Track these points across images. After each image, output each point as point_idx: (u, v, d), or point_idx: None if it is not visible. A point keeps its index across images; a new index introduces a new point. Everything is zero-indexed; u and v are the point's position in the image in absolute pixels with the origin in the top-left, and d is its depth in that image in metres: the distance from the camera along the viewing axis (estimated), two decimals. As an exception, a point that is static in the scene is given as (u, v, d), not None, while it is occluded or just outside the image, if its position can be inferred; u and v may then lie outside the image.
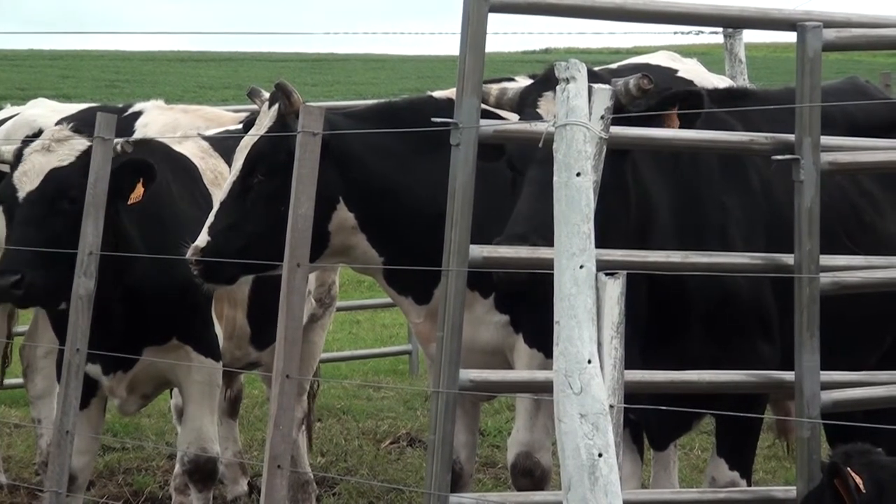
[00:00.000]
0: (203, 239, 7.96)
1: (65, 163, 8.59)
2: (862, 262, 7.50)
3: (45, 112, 10.51)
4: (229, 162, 8.41)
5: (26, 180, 8.64)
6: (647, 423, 7.86)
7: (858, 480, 5.96)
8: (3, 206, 8.93)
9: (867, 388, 7.49)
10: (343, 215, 8.09)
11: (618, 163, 7.43)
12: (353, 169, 8.04)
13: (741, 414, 7.39)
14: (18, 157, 8.81)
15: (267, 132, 8.12)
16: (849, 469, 6.02)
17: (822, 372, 7.00)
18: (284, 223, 7.42)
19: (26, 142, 8.99)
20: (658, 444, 8.17)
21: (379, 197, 8.12)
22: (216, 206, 8.15)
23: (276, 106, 8.11)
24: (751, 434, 7.84)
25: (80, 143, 8.62)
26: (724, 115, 7.85)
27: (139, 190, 8.51)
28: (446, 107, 7.10)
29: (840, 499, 6.00)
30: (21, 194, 8.63)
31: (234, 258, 7.92)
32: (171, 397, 10.29)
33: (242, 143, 8.22)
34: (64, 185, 8.43)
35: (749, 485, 7.84)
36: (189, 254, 7.95)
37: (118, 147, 8.47)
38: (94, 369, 8.66)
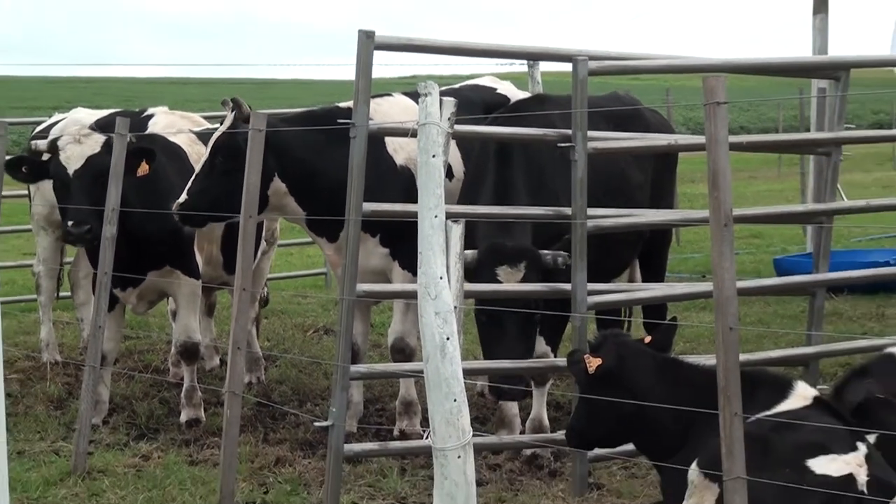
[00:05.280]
0: (183, 197, 7.96)
1: (96, 151, 8.41)
2: (613, 213, 7.53)
3: (86, 116, 10.35)
4: None
5: (72, 162, 8.45)
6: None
7: (595, 360, 5.97)
8: (54, 181, 8.66)
9: (614, 293, 7.58)
10: (277, 185, 7.99)
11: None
12: (285, 154, 7.94)
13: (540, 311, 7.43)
14: (54, 146, 8.59)
15: (225, 130, 8.09)
16: (585, 355, 5.99)
17: (588, 284, 7.06)
18: (234, 189, 7.36)
19: (55, 137, 8.82)
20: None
21: (302, 173, 8.03)
22: (192, 177, 8.10)
23: (233, 113, 8.07)
24: (562, 323, 7.79)
25: (100, 138, 8.45)
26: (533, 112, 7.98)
27: (144, 167, 8.39)
28: (347, 113, 7.07)
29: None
30: (70, 171, 8.44)
31: (202, 211, 7.90)
32: (168, 304, 10.20)
33: (214, 136, 8.16)
34: (100, 166, 8.21)
35: (556, 356, 7.85)
36: (174, 207, 7.95)
37: (132, 139, 8.33)
38: (116, 288, 8.54)
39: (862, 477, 5.18)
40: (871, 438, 5.53)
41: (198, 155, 8.66)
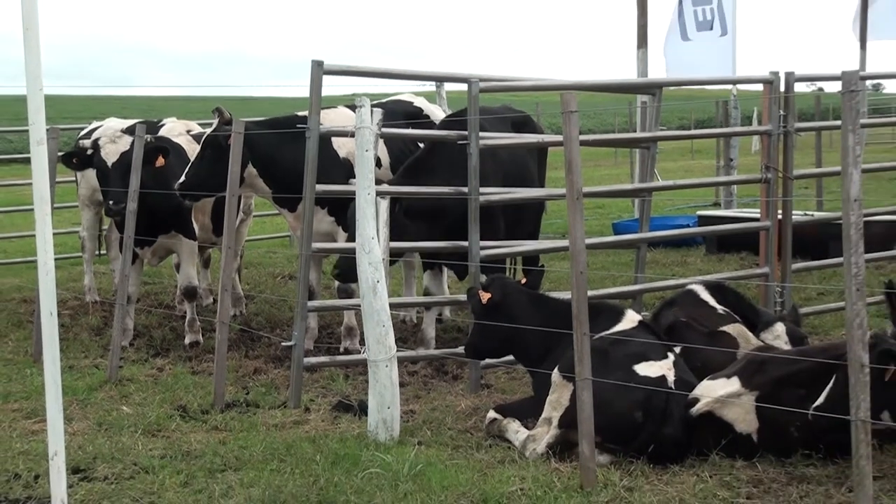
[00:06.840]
0: (182, 179, 7.78)
1: (127, 148, 8.14)
2: (497, 191, 7.41)
3: (118, 123, 10.03)
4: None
5: (110, 157, 8.23)
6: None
7: (486, 294, 5.91)
8: (97, 171, 8.41)
9: (500, 248, 7.45)
10: (251, 169, 7.81)
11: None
12: (256, 148, 7.75)
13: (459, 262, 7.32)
14: (96, 145, 8.36)
15: (212, 132, 7.86)
16: (479, 290, 5.96)
17: (481, 242, 6.95)
18: (217, 174, 7.26)
19: (96, 138, 8.56)
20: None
21: (268, 161, 7.85)
22: (189, 165, 7.90)
23: (217, 118, 7.87)
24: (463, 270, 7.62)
25: (130, 139, 8.19)
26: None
27: (161, 160, 8.17)
28: (303, 120, 6.87)
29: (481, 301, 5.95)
30: (109, 163, 8.21)
31: (195, 190, 7.72)
32: (174, 259, 9.93)
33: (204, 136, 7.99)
34: (131, 160, 7.87)
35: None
36: (175, 186, 7.77)
37: (150, 139, 8.12)
38: (136, 247, 8.27)
39: (671, 377, 5.21)
40: (677, 350, 5.56)
41: (194, 152, 8.46)
